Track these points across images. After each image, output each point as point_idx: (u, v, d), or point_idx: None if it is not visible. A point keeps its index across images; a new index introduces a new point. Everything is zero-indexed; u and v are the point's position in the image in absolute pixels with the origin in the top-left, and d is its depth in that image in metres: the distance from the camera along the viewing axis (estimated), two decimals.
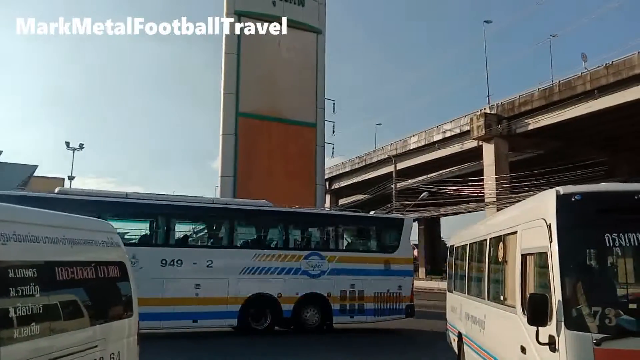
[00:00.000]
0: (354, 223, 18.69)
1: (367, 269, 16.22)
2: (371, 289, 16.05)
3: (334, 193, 62.19)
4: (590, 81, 30.61)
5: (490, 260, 7.10)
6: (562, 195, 4.65)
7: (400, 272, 16.73)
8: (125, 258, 6.06)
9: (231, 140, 27.45)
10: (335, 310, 15.71)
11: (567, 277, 4.33)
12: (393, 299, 16.38)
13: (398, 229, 17.42)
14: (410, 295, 16.80)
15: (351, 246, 17.99)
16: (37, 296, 4.18)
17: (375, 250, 17.34)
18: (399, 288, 16.48)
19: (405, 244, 17.43)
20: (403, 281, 16.68)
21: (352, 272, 15.95)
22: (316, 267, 15.60)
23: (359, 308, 15.94)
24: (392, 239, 17.57)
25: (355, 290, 15.89)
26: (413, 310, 16.91)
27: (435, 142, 43.11)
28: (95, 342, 5.00)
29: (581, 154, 36.55)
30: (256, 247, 15.57)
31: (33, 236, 4.39)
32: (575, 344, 4.11)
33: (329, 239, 17.35)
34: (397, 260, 16.77)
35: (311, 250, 16.04)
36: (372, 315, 16.12)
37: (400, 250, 17.04)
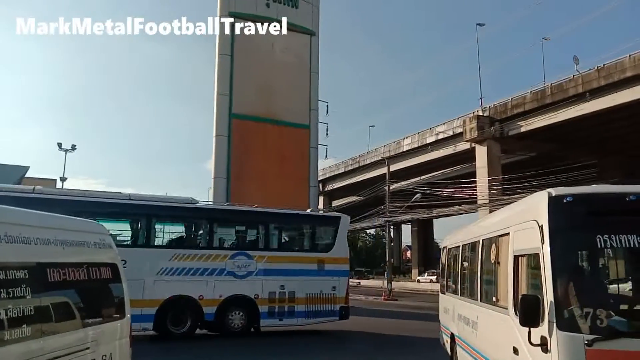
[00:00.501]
0: (285, 221, 17.54)
1: (298, 269, 15.58)
2: (303, 290, 15.43)
3: (327, 195, 62.28)
4: (582, 84, 30.81)
5: (482, 262, 7.12)
6: (553, 197, 4.68)
7: (334, 272, 16.06)
8: (117, 259, 6.03)
9: (224, 141, 27.41)
10: (263, 313, 14.98)
11: (559, 278, 4.35)
12: (326, 301, 15.78)
13: (334, 228, 16.75)
14: (345, 296, 16.19)
15: (282, 245, 17.06)
16: (28, 298, 4.15)
17: (308, 250, 16.68)
18: (333, 289, 15.87)
19: (341, 243, 16.64)
20: (338, 282, 16.05)
21: (282, 273, 15.27)
22: (243, 267, 14.87)
23: (289, 310, 15.27)
24: (327, 237, 16.95)
25: (285, 291, 15.25)
26: (348, 312, 16.30)
27: (428, 144, 43.28)
28: (87, 344, 4.97)
29: (572, 156, 36.79)
30: (176, 246, 14.77)
31: (24, 237, 4.36)
32: (567, 344, 4.13)
33: (258, 238, 16.33)
34: (332, 260, 16.11)
35: (238, 250, 15.27)
36: (303, 318, 15.49)
37: (335, 250, 16.35)
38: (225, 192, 26.75)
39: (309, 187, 29.52)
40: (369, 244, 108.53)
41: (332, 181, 60.42)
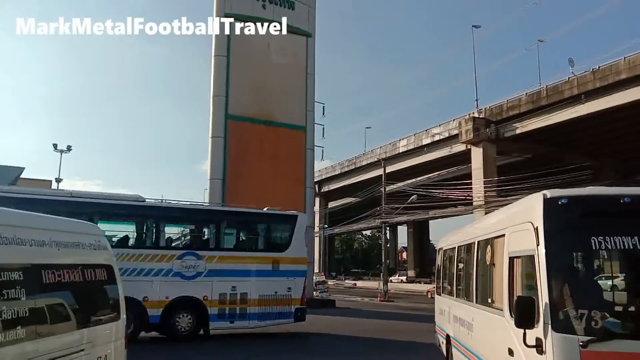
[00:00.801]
0: (238, 220, 16.78)
1: (251, 269, 15.01)
2: (256, 291, 14.86)
3: (323, 196, 62.35)
4: (577, 86, 30.95)
5: (478, 263, 7.13)
6: (549, 199, 4.70)
7: (290, 272, 15.49)
8: (112, 261, 6.01)
9: (220, 142, 27.38)
10: (213, 315, 14.37)
11: (554, 280, 4.37)
12: (281, 302, 15.21)
13: (290, 226, 16.16)
14: (301, 297, 15.59)
15: (234, 245, 16.52)
16: (23, 299, 4.14)
17: (262, 249, 15.99)
18: (288, 290, 15.31)
19: (298, 242, 16.02)
20: (294, 282, 15.49)
21: (234, 274, 14.63)
22: (191, 268, 14.27)
23: (240, 313, 14.66)
24: (282, 237, 16.39)
25: (237, 293, 14.64)
26: (304, 314, 15.72)
27: (424, 146, 43.41)
28: (82, 346, 4.95)
29: (567, 158, 36.94)
30: (119, 245, 13.83)
31: (19, 239, 4.34)
32: (562, 346, 4.14)
33: (209, 237, 15.77)
34: (288, 260, 15.54)
35: (186, 250, 14.74)
36: (255, 320, 14.90)
37: (291, 249, 15.76)
38: (221, 193, 26.72)
39: (305, 188, 29.51)
40: (365, 245, 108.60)
41: (328, 182, 60.49)
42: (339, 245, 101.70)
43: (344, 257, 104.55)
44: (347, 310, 26.80)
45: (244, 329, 15.13)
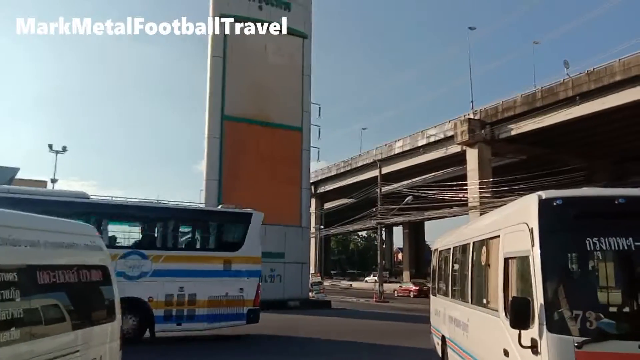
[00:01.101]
0: (186, 218, 16.19)
1: (201, 269, 14.47)
2: (205, 292, 14.31)
3: (319, 197, 62.31)
4: (572, 87, 31.02)
5: (473, 264, 7.15)
6: (544, 199, 4.72)
7: (243, 272, 15.00)
8: (108, 261, 6.01)
9: (216, 143, 27.37)
10: (159, 317, 13.80)
11: (548, 281, 4.39)
12: (232, 304, 14.66)
13: (244, 225, 15.68)
14: (254, 298, 15.06)
15: (182, 244, 15.90)
16: (17, 300, 4.12)
17: (212, 249, 15.58)
18: (240, 291, 14.77)
19: (252, 241, 15.59)
20: (246, 283, 14.96)
21: (181, 274, 14.05)
22: (135, 268, 13.73)
23: (188, 314, 14.10)
24: (235, 235, 15.86)
25: (184, 294, 14.06)
26: (257, 315, 15.20)
27: (420, 147, 43.44)
28: (76, 347, 4.93)
29: (562, 159, 37.06)
30: None
31: (14, 239, 4.33)
32: (557, 347, 4.16)
33: (155, 235, 15.18)
34: (241, 259, 15.04)
35: (130, 249, 14.11)
36: (204, 322, 14.35)
37: (245, 249, 15.29)
38: (217, 194, 26.71)
39: (301, 189, 29.54)
40: (360, 246, 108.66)
41: (324, 183, 60.47)
42: (334, 246, 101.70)
43: (340, 258, 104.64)
44: (343, 311, 26.80)
45: (192, 331, 14.70)
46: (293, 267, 27.89)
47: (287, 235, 27.84)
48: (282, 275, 27.40)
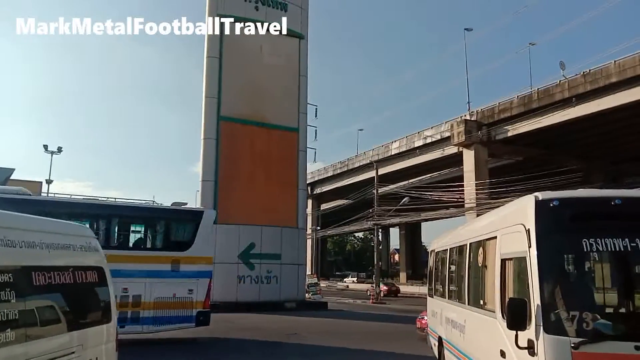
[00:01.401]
0: (133, 215, 15.36)
1: (147, 270, 13.89)
2: (151, 293, 13.78)
3: (315, 198, 62.33)
4: (568, 89, 31.13)
5: (470, 265, 7.15)
6: (540, 201, 4.73)
7: (192, 273, 14.32)
8: (103, 263, 5.98)
9: (212, 144, 27.33)
10: None
11: (545, 282, 4.39)
12: (180, 305, 14.08)
13: (194, 223, 15.03)
14: (205, 300, 14.38)
15: (128, 243, 15.08)
16: (13, 302, 4.09)
17: (160, 248, 14.94)
18: (189, 292, 14.14)
19: (203, 240, 14.92)
20: (196, 284, 14.31)
21: (125, 274, 12.96)
22: None
23: (132, 316, 13.47)
24: (185, 234, 15.21)
25: (128, 295, 13.46)
26: (208, 317, 14.55)
27: (416, 148, 43.49)
28: (72, 349, 4.91)
29: (558, 161, 37.17)
30: None
31: (9, 240, 4.30)
32: (554, 348, 4.16)
33: (97, 234, 14.27)
34: (190, 259, 14.37)
35: None
36: (150, 325, 13.79)
37: (195, 248, 14.63)
38: (213, 195, 26.68)
39: (298, 190, 29.51)
40: (357, 247, 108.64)
41: (320, 184, 60.49)
42: (331, 247, 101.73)
43: (336, 259, 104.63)
44: (340, 313, 26.79)
45: (138, 334, 13.91)
46: (289, 269, 27.88)
47: (284, 236, 27.84)
48: (278, 277, 27.40)
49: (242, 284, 26.36)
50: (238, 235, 26.49)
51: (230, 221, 26.22)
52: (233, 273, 26.12)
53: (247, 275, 26.64)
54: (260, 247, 27.00)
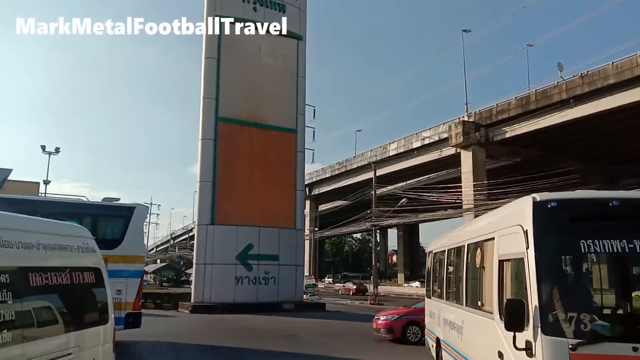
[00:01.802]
0: (58, 212, 14.06)
1: None
2: None
3: (313, 199, 62.30)
4: (566, 90, 31.19)
5: (468, 266, 7.15)
6: (538, 202, 4.72)
7: (121, 272, 13.20)
8: (101, 264, 5.97)
9: (210, 145, 27.28)
10: None
11: (543, 283, 4.39)
12: None
13: (124, 220, 14.26)
14: (135, 301, 13.56)
15: None
16: (9, 302, 4.08)
17: None
18: (117, 293, 12.95)
19: (133, 237, 14.16)
20: (125, 284, 13.42)
21: None
22: None
23: None
24: (114, 232, 14.44)
25: None
26: (138, 319, 13.75)
27: (414, 149, 43.53)
28: (69, 350, 4.90)
29: (556, 162, 37.23)
30: None
31: (6, 241, 4.29)
32: (552, 349, 4.16)
33: None
34: (119, 258, 13.36)
35: None
36: None
37: (124, 246, 13.79)
38: (211, 196, 26.63)
39: (296, 191, 29.46)
40: (355, 248, 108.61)
41: (318, 185, 60.47)
42: (329, 248, 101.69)
43: (334, 260, 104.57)
44: (338, 314, 26.76)
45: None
46: (287, 270, 27.84)
47: (281, 237, 27.80)
48: (276, 278, 27.35)
49: (240, 285, 26.30)
50: (236, 236, 26.44)
51: (228, 222, 26.19)
52: (231, 274, 26.06)
53: (244, 276, 26.58)
54: (258, 248, 26.95)
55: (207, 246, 26.11)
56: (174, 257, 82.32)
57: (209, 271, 25.78)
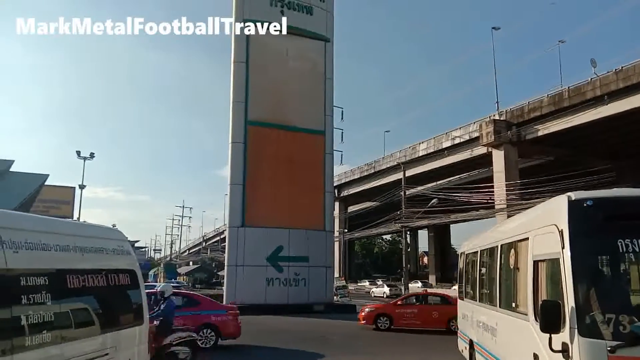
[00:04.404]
0: None
1: None
2: None
3: (342, 200, 62.22)
4: (599, 87, 30.48)
5: (501, 267, 7.05)
6: (573, 200, 4.62)
7: None
8: (135, 265, 6.08)
9: (240, 148, 27.52)
10: None
11: (579, 284, 4.29)
12: None
13: None
14: None
15: None
16: (48, 304, 4.19)
17: None
18: None
19: None
20: None
21: None
22: None
23: None
24: None
25: None
26: None
27: (444, 149, 43.09)
28: (105, 350, 5.00)
29: (589, 160, 36.42)
30: None
31: (44, 244, 4.41)
32: (589, 351, 4.06)
33: None
34: None
35: None
36: None
37: None
38: (241, 198, 26.87)
39: (324, 192, 29.48)
40: (385, 249, 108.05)
41: (347, 187, 60.37)
42: (358, 249, 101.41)
43: (364, 261, 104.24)
44: None
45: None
46: (317, 271, 27.87)
47: (311, 239, 27.83)
48: (306, 279, 27.42)
49: (270, 286, 26.45)
50: (266, 238, 26.60)
51: (258, 224, 26.38)
52: (262, 275, 26.24)
53: (275, 277, 26.72)
54: (288, 249, 27.07)
55: (238, 248, 26.35)
56: (206, 259, 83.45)
57: (240, 273, 25.99)
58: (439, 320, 18.16)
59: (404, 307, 19.24)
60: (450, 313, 16.10)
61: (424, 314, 18.67)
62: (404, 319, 18.68)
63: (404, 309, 19.06)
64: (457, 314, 13.78)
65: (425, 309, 18.95)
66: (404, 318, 18.73)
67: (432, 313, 18.59)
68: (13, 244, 4.01)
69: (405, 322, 18.61)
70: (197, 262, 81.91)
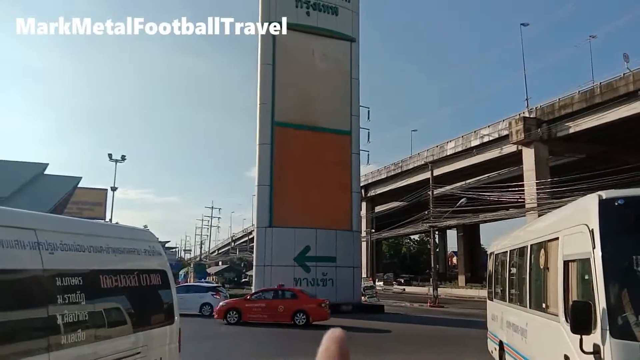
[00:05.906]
0: None
1: None
2: None
3: (369, 200, 62.00)
4: (632, 82, 29.70)
5: (531, 267, 6.96)
6: (604, 200, 4.55)
7: None
8: (166, 266, 6.19)
9: (267, 149, 27.75)
10: None
11: (611, 284, 4.22)
12: None
13: None
14: None
15: None
16: (82, 304, 4.32)
17: None
18: None
19: None
20: None
21: None
22: None
23: None
24: None
25: None
26: None
27: (473, 148, 42.51)
28: (138, 349, 5.12)
29: (622, 158, 35.49)
30: None
31: (79, 245, 4.55)
32: (622, 353, 3.99)
33: None
34: None
35: None
36: None
37: None
38: (269, 199, 27.09)
39: (351, 193, 29.49)
40: (413, 249, 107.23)
41: (374, 187, 60.15)
42: (386, 250, 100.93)
43: (391, 262, 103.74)
44: (397, 316, 26.52)
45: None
46: (345, 271, 27.89)
47: (338, 239, 27.88)
48: (333, 279, 27.47)
49: (298, 286, 26.58)
50: (293, 238, 26.75)
51: (285, 224, 26.55)
52: (289, 275, 26.36)
53: (303, 277, 26.85)
54: (315, 250, 27.16)
55: (266, 248, 26.59)
56: (235, 259, 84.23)
57: (269, 272, 26.19)
58: (284, 314, 19.44)
59: (253, 302, 20.47)
60: (295, 307, 19.22)
61: (271, 308, 19.84)
62: (252, 313, 19.82)
63: (253, 303, 20.36)
64: (301, 308, 18.22)
65: (272, 303, 20.11)
66: (252, 312, 19.88)
67: (279, 307, 19.67)
68: (49, 246, 4.14)
69: (254, 316, 19.77)
70: (226, 262, 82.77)
